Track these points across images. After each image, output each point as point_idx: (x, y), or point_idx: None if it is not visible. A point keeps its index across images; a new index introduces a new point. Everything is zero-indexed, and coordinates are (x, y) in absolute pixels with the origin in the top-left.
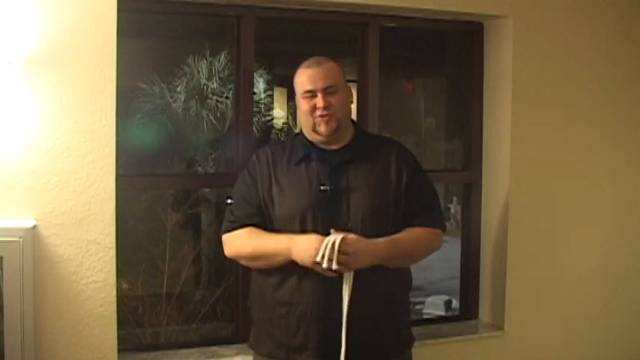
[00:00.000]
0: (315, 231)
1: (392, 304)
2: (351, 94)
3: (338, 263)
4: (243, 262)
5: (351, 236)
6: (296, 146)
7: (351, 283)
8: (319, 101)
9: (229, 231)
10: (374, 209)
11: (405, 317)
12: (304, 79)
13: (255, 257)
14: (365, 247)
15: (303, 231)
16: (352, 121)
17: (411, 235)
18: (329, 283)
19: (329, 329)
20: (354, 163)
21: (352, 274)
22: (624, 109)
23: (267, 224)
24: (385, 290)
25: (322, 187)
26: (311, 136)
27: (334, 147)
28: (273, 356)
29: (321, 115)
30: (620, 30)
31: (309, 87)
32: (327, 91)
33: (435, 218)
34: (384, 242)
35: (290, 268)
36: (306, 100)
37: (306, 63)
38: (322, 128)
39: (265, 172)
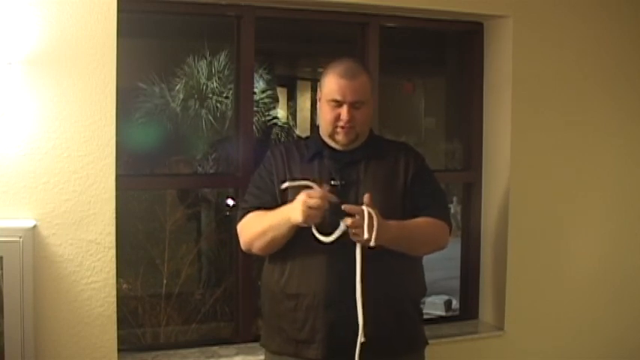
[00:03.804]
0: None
1: (402, 301)
2: (374, 104)
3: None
4: (256, 249)
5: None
6: (310, 144)
7: (361, 261)
8: (344, 113)
9: (243, 217)
10: (383, 204)
11: (416, 317)
12: (334, 87)
13: (264, 232)
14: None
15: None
16: None
17: (416, 221)
18: (335, 273)
19: (336, 320)
20: (365, 161)
21: (361, 251)
22: (625, 109)
23: None
24: (396, 287)
25: (333, 182)
26: (327, 140)
27: (349, 147)
28: (282, 352)
29: (342, 127)
30: (620, 30)
31: (337, 97)
32: (353, 106)
33: (440, 211)
34: (392, 222)
35: (297, 260)
36: (330, 107)
37: (339, 69)
38: (340, 137)
39: (280, 166)
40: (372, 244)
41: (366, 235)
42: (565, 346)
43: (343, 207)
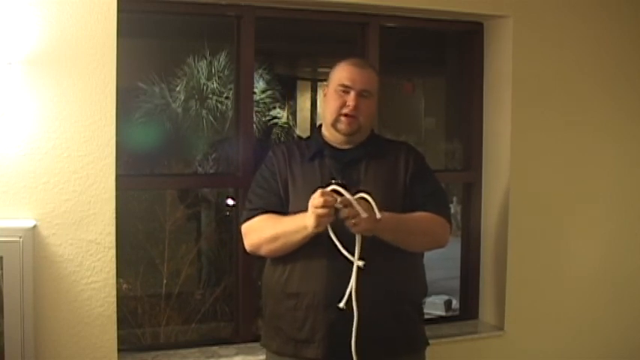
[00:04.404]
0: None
1: (402, 301)
2: (376, 105)
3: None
4: (264, 251)
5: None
6: (310, 144)
7: (359, 252)
8: (351, 100)
9: (249, 219)
10: (383, 203)
11: (416, 317)
12: (345, 74)
13: (275, 237)
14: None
15: None
16: None
17: (415, 214)
18: (336, 273)
19: (336, 320)
20: (365, 160)
21: (360, 241)
22: (624, 109)
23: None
24: (395, 287)
25: (333, 182)
26: (328, 131)
27: (347, 146)
28: (282, 352)
29: (345, 114)
30: (620, 30)
31: (347, 82)
32: (361, 94)
33: (440, 208)
34: (387, 213)
35: (298, 260)
36: (338, 94)
37: (350, 60)
38: (343, 126)
39: (283, 165)
40: (369, 232)
41: (363, 215)
42: (565, 346)
43: (336, 205)
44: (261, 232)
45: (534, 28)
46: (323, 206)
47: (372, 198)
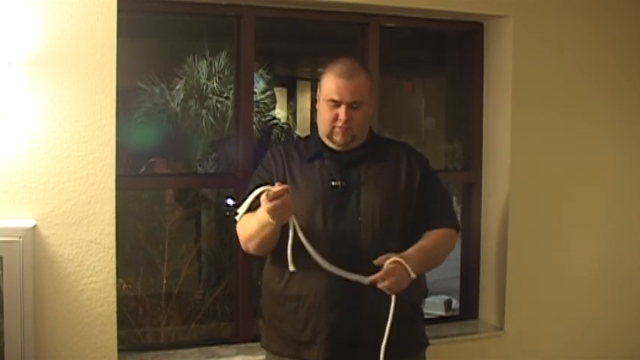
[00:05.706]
0: (324, 225)
1: (402, 302)
2: (374, 104)
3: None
4: (252, 250)
5: (389, 267)
6: (309, 145)
7: (394, 306)
8: (341, 113)
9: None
10: (384, 205)
11: (416, 318)
12: (332, 87)
13: (251, 236)
14: (401, 271)
15: (314, 225)
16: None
17: (432, 238)
18: (337, 275)
19: (338, 321)
20: (366, 162)
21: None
22: (624, 108)
23: None
24: None
25: (333, 183)
26: (325, 140)
27: (347, 148)
28: (283, 354)
29: (339, 127)
30: (620, 29)
31: (335, 97)
32: (351, 106)
33: (450, 218)
34: (415, 255)
35: (298, 262)
36: (329, 107)
37: (337, 69)
38: (338, 138)
39: (280, 167)
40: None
41: (392, 286)
42: (565, 346)
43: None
44: (244, 231)
45: (534, 28)
46: (271, 199)
47: (406, 260)
